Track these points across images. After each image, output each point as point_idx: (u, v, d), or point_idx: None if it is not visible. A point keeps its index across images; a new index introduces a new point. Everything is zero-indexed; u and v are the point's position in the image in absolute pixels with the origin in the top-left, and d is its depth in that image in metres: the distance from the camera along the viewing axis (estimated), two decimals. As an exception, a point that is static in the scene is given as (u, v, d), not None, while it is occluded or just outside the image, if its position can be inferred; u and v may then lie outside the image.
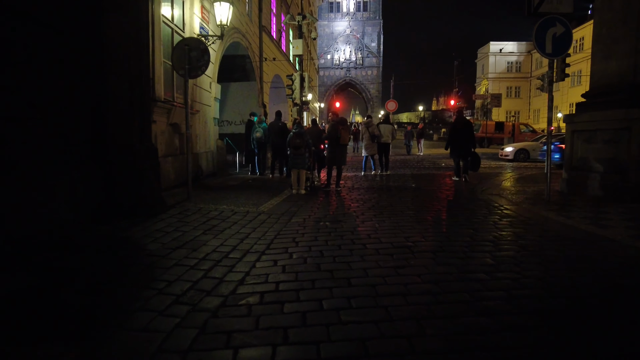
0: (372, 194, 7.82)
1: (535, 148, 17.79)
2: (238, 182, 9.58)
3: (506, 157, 17.85)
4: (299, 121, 8.20)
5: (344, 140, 8.40)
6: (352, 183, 9.46)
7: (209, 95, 10.29)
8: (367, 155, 11.10)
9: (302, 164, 8.06)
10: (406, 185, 9.07)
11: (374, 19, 65.85)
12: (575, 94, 39.76)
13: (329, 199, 7.44)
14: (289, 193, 8.08)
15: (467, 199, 7.19)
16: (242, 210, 6.11)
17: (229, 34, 11.91)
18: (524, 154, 17.65)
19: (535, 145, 18.01)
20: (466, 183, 9.47)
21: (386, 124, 11.28)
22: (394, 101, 22.11)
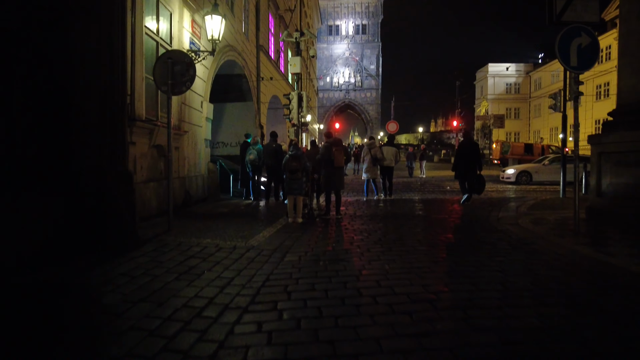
0: (377, 223, 7.01)
1: (538, 170, 17.07)
2: (229, 209, 8.76)
3: (508, 180, 17.14)
4: (295, 142, 7.48)
5: (338, 162, 7.65)
6: (354, 209, 8.66)
7: (199, 115, 9.60)
8: (368, 178, 10.34)
9: (299, 190, 7.28)
10: (413, 212, 8.26)
11: (372, 42, 66.41)
12: (601, 109, 39.17)
13: (329, 229, 6.63)
14: (284, 222, 7.27)
15: (484, 229, 6.37)
16: (228, 246, 5.28)
17: (224, 52, 11.34)
18: (526, 176, 16.90)
19: (538, 167, 17.30)
20: (472, 206, 8.69)
21: (390, 146, 10.57)
22: (394, 122, 21.54)
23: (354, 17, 66.86)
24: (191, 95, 8.94)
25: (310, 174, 7.76)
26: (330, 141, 7.77)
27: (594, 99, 41.66)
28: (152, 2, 7.11)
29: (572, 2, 5.57)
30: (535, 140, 52.85)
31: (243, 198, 10.92)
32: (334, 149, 7.61)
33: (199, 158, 9.57)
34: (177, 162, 8.23)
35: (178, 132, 8.04)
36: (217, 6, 8.41)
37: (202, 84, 9.72)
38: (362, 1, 66.38)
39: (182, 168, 8.49)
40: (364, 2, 66.42)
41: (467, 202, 9.96)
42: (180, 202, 8.34)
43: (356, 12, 66.83)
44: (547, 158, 18.66)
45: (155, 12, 7.21)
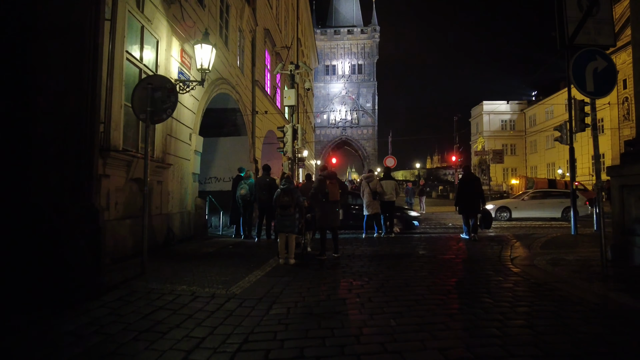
0: (379, 265, 6.28)
1: (518, 205, 16.43)
2: (216, 249, 8.02)
3: None
4: (287, 175, 6.87)
5: (333, 195, 7.03)
6: (353, 249, 7.93)
7: (187, 148, 9.06)
8: (368, 214, 9.67)
9: (291, 227, 6.60)
10: (417, 251, 7.54)
11: (368, 80, 67.72)
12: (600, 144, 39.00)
13: (325, 272, 5.89)
14: (274, 263, 6.54)
15: (498, 271, 5.65)
16: (206, 294, 4.54)
17: (216, 84, 10.99)
18: (506, 212, 16.23)
19: (517, 203, 16.69)
20: (479, 244, 7.99)
21: (388, 179, 9.97)
22: (392, 157, 21.19)
23: (350, 58, 68.61)
24: (178, 127, 8.44)
25: (304, 210, 7.11)
26: (324, 174, 7.19)
27: (589, 135, 41.64)
28: (136, 28, 6.73)
29: (585, 25, 5.18)
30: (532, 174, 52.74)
31: (233, 236, 10.20)
32: (328, 182, 7.02)
33: (185, 193, 8.93)
34: (159, 197, 7.58)
35: (161, 165, 7.45)
36: (207, 35, 8.08)
37: (192, 115, 9.26)
38: (358, 42, 68.36)
39: (165, 204, 7.83)
40: (360, 43, 68.38)
41: (475, 239, 9.35)
42: (162, 241, 7.61)
43: (352, 52, 68.65)
44: (526, 193, 18.03)
45: (139, 38, 6.82)
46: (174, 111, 6.16)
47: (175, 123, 8.29)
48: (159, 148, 7.48)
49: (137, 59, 6.65)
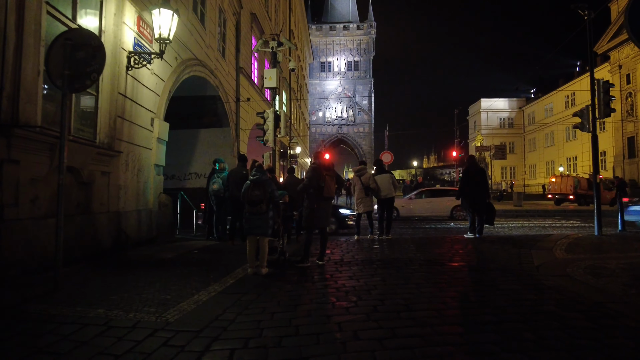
0: (372, 276, 4.94)
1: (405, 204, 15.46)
2: (177, 254, 6.67)
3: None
4: (259, 165, 5.52)
5: (329, 191, 5.71)
6: (342, 253, 6.61)
7: (148, 136, 7.71)
8: (360, 212, 8.36)
9: (263, 228, 5.27)
10: (418, 256, 6.22)
11: (364, 77, 66.47)
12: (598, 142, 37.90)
13: (302, 287, 4.56)
14: (242, 274, 5.21)
15: (526, 285, 4.35)
16: (127, 322, 3.21)
17: (188, 65, 9.63)
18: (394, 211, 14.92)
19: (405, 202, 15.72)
20: (489, 246, 6.71)
21: (382, 173, 8.63)
22: (389, 153, 19.91)
23: (345, 54, 67.35)
24: (134, 109, 7.09)
25: (279, 207, 5.77)
26: (320, 163, 5.85)
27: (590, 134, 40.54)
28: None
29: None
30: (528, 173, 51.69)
31: (207, 237, 8.85)
32: (325, 174, 5.69)
33: (144, 188, 7.57)
34: (105, 191, 6.22)
35: (106, 152, 6.09)
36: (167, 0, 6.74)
37: (154, 97, 7.90)
38: (354, 39, 67.09)
39: (115, 199, 6.47)
40: (356, 40, 67.12)
41: (479, 235, 8.16)
42: (110, 245, 6.26)
43: (348, 49, 67.39)
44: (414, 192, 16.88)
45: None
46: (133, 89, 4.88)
47: (130, 104, 6.94)
48: (104, 131, 6.12)
49: (67, 16, 5.28)
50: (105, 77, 6.11)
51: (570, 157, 44.15)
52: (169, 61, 8.57)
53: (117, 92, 6.45)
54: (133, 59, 6.81)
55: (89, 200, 5.80)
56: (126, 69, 6.73)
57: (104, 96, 6.12)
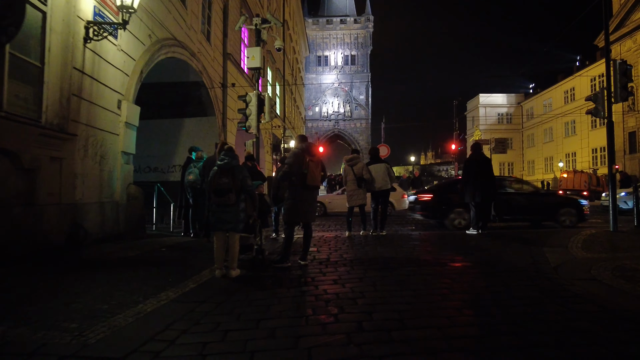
0: (361, 279, 4.14)
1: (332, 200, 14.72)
2: (141, 252, 5.87)
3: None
4: (228, 147, 4.70)
5: (313, 179, 4.88)
6: (329, 252, 5.81)
7: (114, 119, 6.87)
8: (352, 206, 7.55)
9: (233, 223, 4.46)
10: (415, 255, 5.43)
11: (362, 72, 65.53)
12: (597, 138, 37.42)
13: (276, 293, 3.76)
14: (208, 276, 4.42)
15: (549, 293, 3.57)
16: (30, 343, 2.42)
17: (164, 44, 8.77)
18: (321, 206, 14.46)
19: (331, 197, 15.13)
20: (496, 243, 5.96)
21: (377, 162, 7.81)
22: (385, 146, 19.10)
23: (342, 48, 66.39)
24: (95, 88, 6.25)
25: (254, 198, 4.96)
26: (303, 147, 5.03)
27: (589, 128, 40.16)
28: None
29: None
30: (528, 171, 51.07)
31: (183, 233, 8.05)
32: (308, 159, 4.87)
33: (109, 178, 6.75)
34: (56, 179, 5.39)
35: (55, 135, 5.25)
36: (131, -38, 5.89)
37: (121, 77, 7.06)
38: (351, 32, 66.13)
39: (69, 190, 5.65)
40: (353, 34, 66.17)
41: (484, 231, 7.53)
42: (62, 241, 5.44)
43: (345, 43, 66.45)
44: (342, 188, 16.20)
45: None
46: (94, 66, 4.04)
47: (89, 82, 6.10)
48: (53, 110, 5.28)
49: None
50: (54, 47, 5.27)
51: (569, 153, 43.53)
52: (140, 38, 7.72)
53: (71, 67, 5.61)
54: (92, 30, 5.97)
55: (33, 189, 4.97)
56: (84, 41, 5.89)
57: (53, 69, 5.27)
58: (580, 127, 41.00)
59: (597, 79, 38.26)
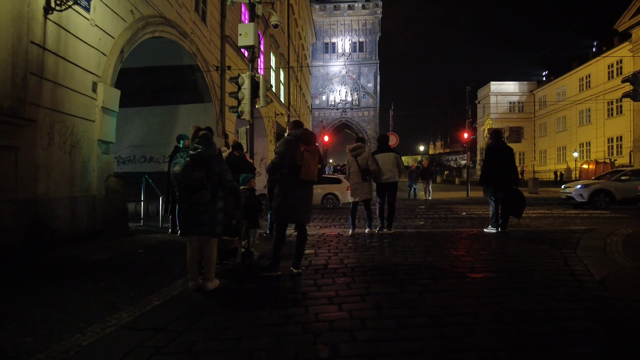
0: (363, 297, 3.36)
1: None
2: (112, 255, 5.14)
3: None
4: (204, 133, 3.91)
5: (308, 172, 4.07)
6: (328, 255, 5.03)
7: (88, 103, 6.12)
8: (356, 201, 6.74)
9: (208, 226, 3.69)
10: (429, 261, 4.63)
11: (370, 59, 64.09)
12: (613, 126, 36.15)
13: (253, 319, 2.99)
14: (180, 289, 3.68)
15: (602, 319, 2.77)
16: None
17: (150, 22, 7.96)
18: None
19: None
20: (519, 245, 5.14)
21: (385, 152, 6.97)
22: (394, 134, 18.14)
23: (350, 35, 64.91)
24: (62, 67, 5.49)
25: (238, 194, 4.18)
26: (297, 134, 4.22)
27: (605, 116, 38.63)
28: None
29: None
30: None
31: (170, 231, 7.34)
32: (303, 149, 4.07)
33: (84, 169, 6.02)
34: (10, 172, 4.67)
35: (5, 120, 4.49)
36: None
37: (97, 56, 6.29)
38: (359, 19, 64.56)
39: (27, 183, 4.92)
40: (361, 20, 64.60)
41: (504, 230, 6.71)
42: (19, 242, 4.73)
43: (353, 29, 64.95)
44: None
45: None
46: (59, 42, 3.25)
47: (54, 60, 5.34)
48: (2, 90, 4.51)
49: None
50: (2, 17, 4.49)
51: (583, 143, 42.06)
52: (120, 14, 6.92)
53: (27, 41, 4.84)
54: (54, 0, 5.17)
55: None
56: (45, 11, 5.11)
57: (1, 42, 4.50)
58: (596, 115, 39.48)
59: (615, 65, 36.66)
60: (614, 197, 12.47)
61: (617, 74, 36.33)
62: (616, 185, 12.68)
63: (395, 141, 17.73)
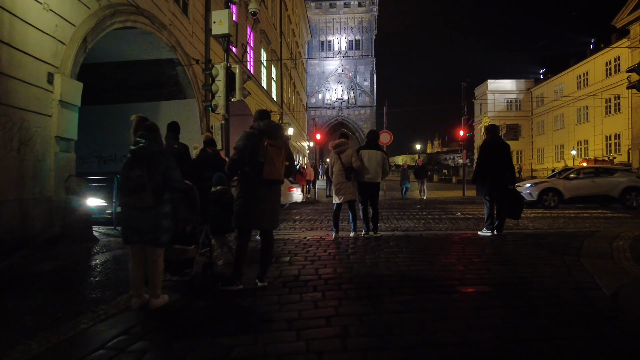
0: (331, 322, 2.81)
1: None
2: (61, 264, 4.59)
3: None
4: (149, 124, 3.34)
5: (272, 171, 3.50)
6: (303, 263, 4.49)
7: (42, 96, 5.55)
8: (339, 202, 6.18)
9: (151, 234, 3.14)
10: (413, 270, 4.09)
11: (366, 57, 63.56)
12: (611, 124, 35.74)
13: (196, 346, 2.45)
14: (122, 306, 3.14)
15: (622, 352, 2.22)
16: None
17: (119, 10, 7.38)
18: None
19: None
20: (517, 250, 4.62)
21: (372, 149, 6.41)
22: (388, 132, 17.64)
23: (346, 33, 64.41)
24: (9, 55, 4.94)
25: (194, 196, 3.63)
26: (260, 127, 3.66)
27: (603, 114, 38.20)
28: None
29: None
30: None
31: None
32: (267, 143, 3.52)
33: (35, 169, 5.45)
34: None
35: None
36: None
37: (53, 45, 5.72)
38: (355, 16, 64.04)
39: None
40: (357, 17, 64.08)
41: (500, 232, 6.20)
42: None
43: (349, 27, 64.44)
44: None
45: None
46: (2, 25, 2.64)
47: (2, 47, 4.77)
48: None
49: None
50: None
51: (581, 141, 41.65)
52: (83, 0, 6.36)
53: (-42, 23, 4.27)
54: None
55: None
56: (-17, -9, 4.55)
57: None
58: (594, 113, 39.07)
59: (612, 62, 36.23)
60: (563, 196, 12.13)
61: (615, 71, 35.91)
62: (564, 183, 12.40)
63: (389, 139, 17.22)
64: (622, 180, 12.10)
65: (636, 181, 12.07)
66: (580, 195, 12.07)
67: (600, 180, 12.32)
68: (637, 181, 12.08)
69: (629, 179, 12.17)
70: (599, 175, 12.67)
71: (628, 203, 11.87)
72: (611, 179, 12.26)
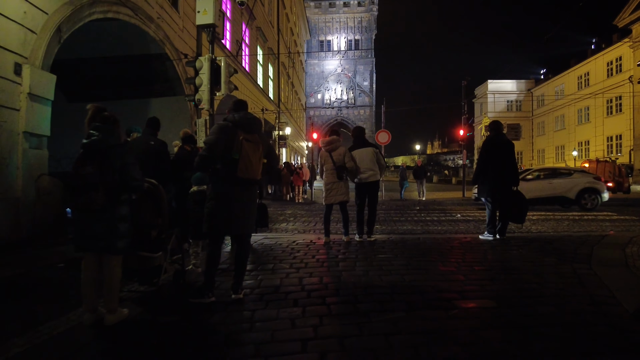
0: (307, 346, 2.41)
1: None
2: (22, 270, 4.18)
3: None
4: (106, 115, 2.93)
5: (247, 169, 3.10)
6: (287, 272, 4.07)
7: (8, 89, 5.15)
8: (330, 203, 5.76)
9: (107, 239, 2.73)
10: (408, 281, 3.69)
11: (365, 57, 63.24)
12: (613, 124, 35.40)
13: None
14: (74, 322, 2.72)
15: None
16: None
17: (99, 0, 6.98)
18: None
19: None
20: (522, 257, 4.23)
21: (361, 147, 5.98)
22: (385, 131, 17.22)
23: (346, 32, 64.05)
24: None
25: (161, 196, 3.23)
26: (235, 119, 3.24)
27: (604, 114, 37.82)
28: None
29: None
30: (542, 159, 48.94)
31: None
32: (242, 138, 3.11)
33: (4, 167, 5.04)
34: None
35: None
36: None
37: (21, 33, 5.32)
38: (355, 16, 63.67)
39: None
40: (357, 17, 63.71)
41: (502, 237, 5.77)
42: None
43: (348, 27, 64.07)
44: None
45: None
46: None
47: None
48: None
49: None
50: None
51: (582, 142, 41.29)
52: (57, -14, 5.96)
53: None
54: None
55: None
56: (-63, -29, 4.13)
57: None
58: (595, 113, 38.68)
59: (614, 63, 35.84)
60: None
61: (616, 72, 35.53)
62: (521, 185, 11.98)
63: (387, 138, 16.80)
64: (579, 181, 11.78)
65: (593, 182, 11.76)
66: (538, 197, 11.57)
67: (557, 181, 11.98)
68: (593, 182, 11.77)
69: (586, 180, 11.85)
70: (557, 176, 12.32)
71: (584, 204, 11.55)
72: (568, 180, 11.93)
